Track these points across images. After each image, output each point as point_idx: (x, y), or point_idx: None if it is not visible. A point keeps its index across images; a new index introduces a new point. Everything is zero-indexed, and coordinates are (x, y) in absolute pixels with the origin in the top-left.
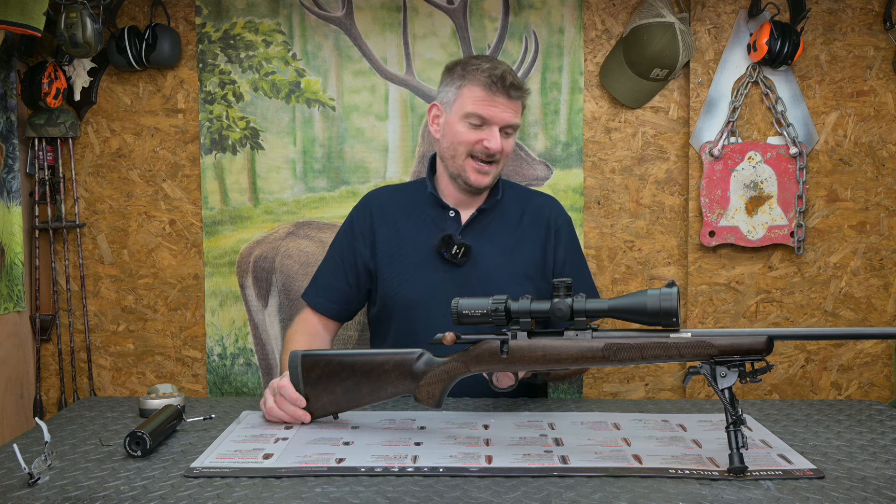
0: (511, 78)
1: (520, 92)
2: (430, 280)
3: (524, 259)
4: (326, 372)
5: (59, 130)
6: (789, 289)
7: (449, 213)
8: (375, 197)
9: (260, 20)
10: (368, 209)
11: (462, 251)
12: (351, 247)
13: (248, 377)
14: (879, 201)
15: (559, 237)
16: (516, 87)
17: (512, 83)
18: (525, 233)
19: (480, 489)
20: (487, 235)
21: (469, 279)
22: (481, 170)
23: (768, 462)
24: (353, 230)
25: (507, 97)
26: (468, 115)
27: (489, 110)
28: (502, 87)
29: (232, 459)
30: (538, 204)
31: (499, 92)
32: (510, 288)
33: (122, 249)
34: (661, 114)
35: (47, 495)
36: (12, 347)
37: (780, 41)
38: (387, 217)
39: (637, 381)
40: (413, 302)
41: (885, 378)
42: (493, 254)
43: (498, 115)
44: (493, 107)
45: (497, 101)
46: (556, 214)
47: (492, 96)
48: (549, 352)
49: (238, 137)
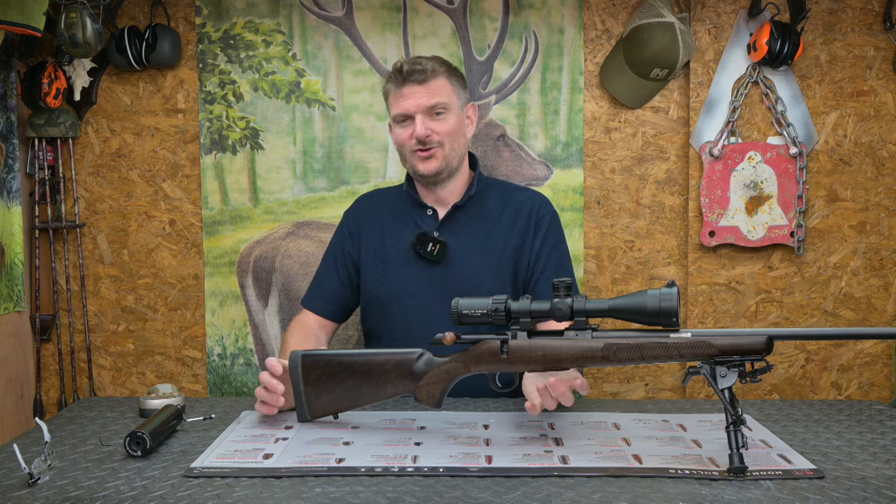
0: (408, 65)
1: (421, 74)
2: (407, 277)
3: (501, 254)
4: (326, 372)
5: (59, 130)
6: (789, 289)
7: (427, 211)
8: (366, 199)
9: (260, 20)
10: (358, 211)
11: (437, 248)
12: (342, 248)
13: (248, 377)
14: (879, 201)
15: (538, 228)
16: (414, 70)
17: (409, 69)
18: (504, 227)
19: (480, 489)
20: (464, 232)
21: (445, 276)
22: (422, 157)
23: (768, 462)
24: (343, 232)
25: (415, 83)
26: (395, 117)
27: (403, 104)
28: (402, 78)
29: (232, 459)
30: (522, 199)
31: (403, 84)
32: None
33: (122, 249)
34: (661, 114)
35: (47, 495)
36: (12, 347)
37: (780, 41)
38: (373, 218)
39: (637, 381)
40: (389, 299)
41: (885, 378)
42: (469, 250)
43: (412, 104)
44: (405, 99)
45: (405, 93)
46: (539, 206)
47: (400, 90)
48: (549, 352)
49: (238, 137)
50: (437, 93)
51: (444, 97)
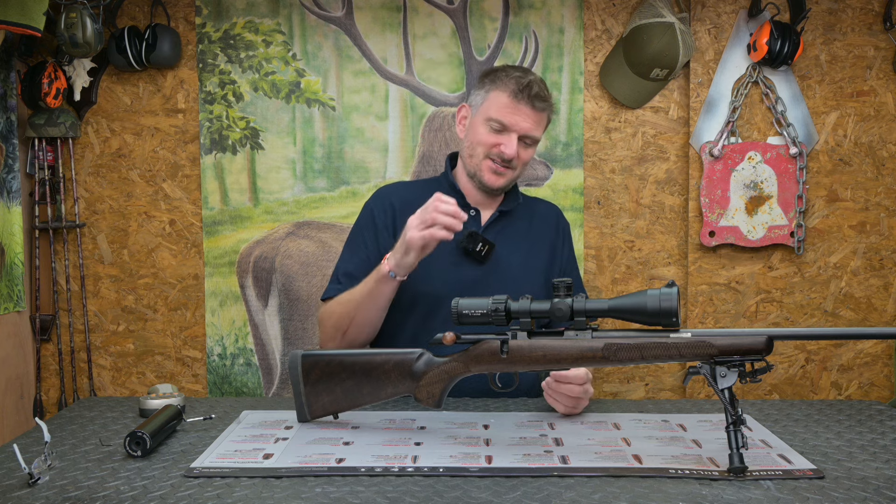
0: (537, 89)
1: (544, 104)
2: (452, 276)
3: (539, 261)
4: (326, 372)
5: (59, 130)
6: (789, 289)
7: (469, 211)
8: (394, 191)
9: (260, 20)
10: (389, 201)
11: (486, 248)
12: (374, 238)
13: (248, 377)
14: (879, 201)
15: (564, 239)
16: (541, 98)
17: (537, 94)
18: (537, 236)
19: (480, 489)
20: (506, 236)
21: (490, 277)
22: (496, 171)
23: (768, 462)
24: (376, 224)
25: (531, 107)
26: (490, 119)
27: (510, 117)
28: (527, 97)
29: (232, 459)
30: (543, 210)
31: (523, 101)
32: (528, 287)
33: (122, 249)
34: (661, 114)
35: (47, 495)
36: (12, 347)
37: (780, 41)
38: (407, 212)
39: (637, 381)
40: (436, 297)
41: (885, 378)
42: (512, 254)
43: (518, 123)
44: (514, 114)
45: (520, 110)
46: (560, 218)
47: (515, 104)
48: (549, 352)
49: (238, 137)
50: (540, 126)
51: (541, 133)
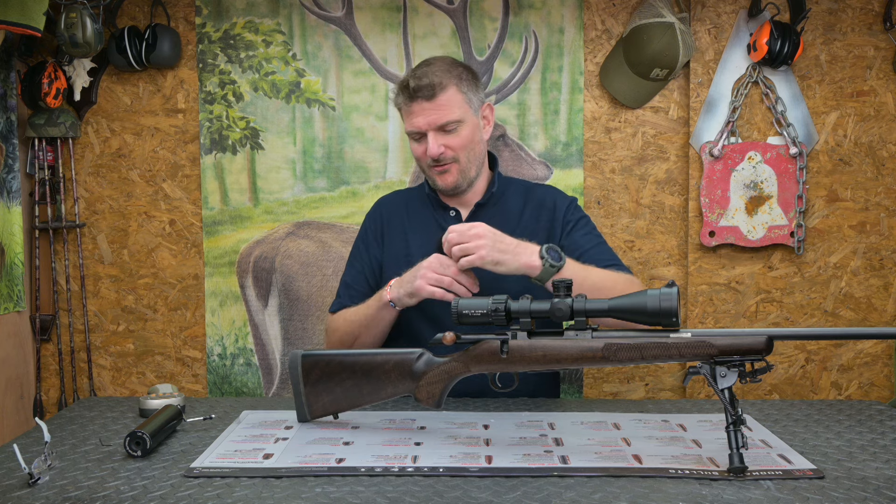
0: (415, 81)
1: (429, 90)
2: None
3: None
4: (326, 372)
5: (59, 130)
6: (789, 289)
7: (449, 212)
8: (386, 202)
9: (260, 20)
10: (379, 213)
11: None
12: (368, 251)
13: (248, 377)
14: (879, 201)
15: (568, 218)
16: (421, 87)
17: (416, 86)
18: (527, 225)
19: (480, 489)
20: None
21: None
22: (440, 172)
23: (768, 462)
24: (368, 236)
25: (424, 100)
26: (408, 133)
27: (415, 122)
28: (410, 96)
29: (232, 459)
30: (539, 195)
31: (414, 101)
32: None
33: (122, 249)
34: (661, 114)
35: (47, 495)
36: (12, 347)
37: (780, 41)
38: (395, 221)
39: (637, 381)
40: None
41: (885, 378)
42: None
43: (422, 122)
44: (416, 117)
45: (415, 109)
46: (559, 199)
47: (411, 107)
48: (549, 352)
49: (238, 137)
50: (446, 109)
51: (455, 112)
